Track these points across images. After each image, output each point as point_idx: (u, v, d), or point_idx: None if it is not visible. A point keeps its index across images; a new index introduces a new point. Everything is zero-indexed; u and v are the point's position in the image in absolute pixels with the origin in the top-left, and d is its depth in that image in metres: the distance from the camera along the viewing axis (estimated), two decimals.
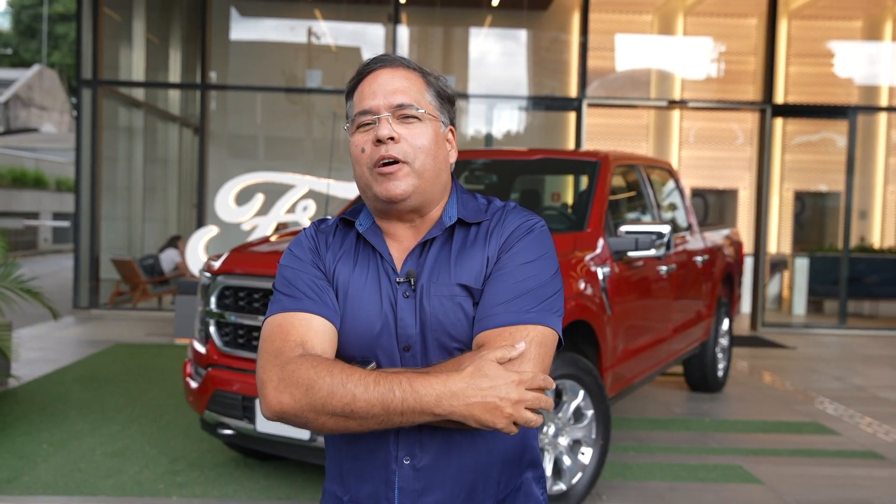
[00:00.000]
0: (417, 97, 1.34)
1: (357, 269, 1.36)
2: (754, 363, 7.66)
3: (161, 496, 3.83)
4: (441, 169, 1.36)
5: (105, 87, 10.35)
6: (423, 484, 1.29)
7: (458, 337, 1.30)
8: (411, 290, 1.31)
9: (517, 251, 1.34)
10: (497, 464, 1.34)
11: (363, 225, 1.38)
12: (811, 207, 13.73)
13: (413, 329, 1.31)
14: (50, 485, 3.93)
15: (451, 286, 1.31)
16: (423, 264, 1.33)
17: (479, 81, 11.06)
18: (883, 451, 4.86)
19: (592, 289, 3.93)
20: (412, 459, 1.29)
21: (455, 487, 1.30)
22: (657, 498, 3.95)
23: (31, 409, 5.27)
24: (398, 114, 1.32)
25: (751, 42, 11.05)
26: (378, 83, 1.33)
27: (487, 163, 5.36)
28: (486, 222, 1.38)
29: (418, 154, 1.31)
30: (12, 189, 23.09)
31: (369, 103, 1.32)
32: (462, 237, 1.36)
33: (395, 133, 1.30)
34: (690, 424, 5.35)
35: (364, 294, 1.33)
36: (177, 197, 12.65)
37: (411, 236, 1.37)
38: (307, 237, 1.41)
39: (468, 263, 1.33)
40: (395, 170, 1.30)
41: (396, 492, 1.29)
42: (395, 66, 1.36)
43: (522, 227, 1.36)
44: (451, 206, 1.39)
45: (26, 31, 46.39)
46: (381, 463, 1.30)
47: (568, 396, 3.73)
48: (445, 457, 1.29)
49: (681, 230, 5.63)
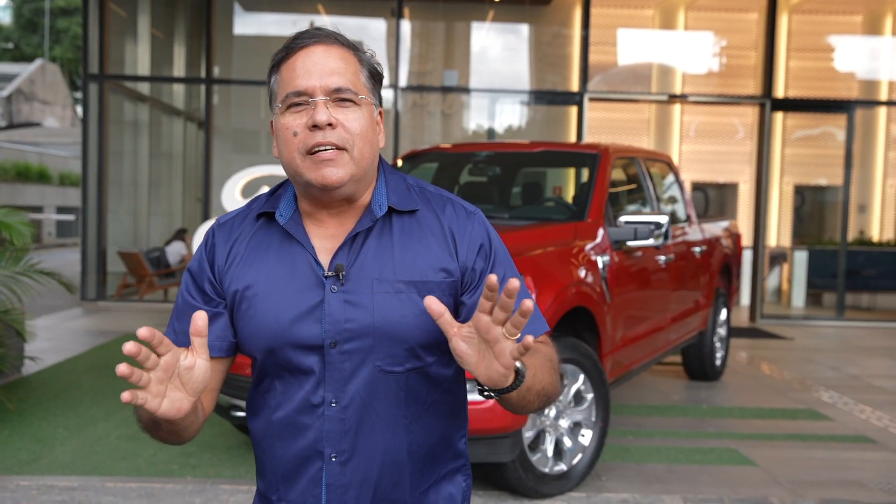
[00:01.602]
0: (354, 79, 1.25)
1: (273, 263, 1.28)
2: (752, 353, 7.79)
3: (175, 476, 3.96)
4: (374, 155, 1.29)
5: (111, 82, 10.47)
6: (349, 479, 1.26)
7: (405, 335, 1.24)
8: (339, 283, 1.24)
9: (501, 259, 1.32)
10: (420, 457, 1.31)
11: (284, 216, 1.29)
12: (811, 201, 13.84)
13: (341, 325, 1.23)
14: (68, 466, 4.07)
15: (397, 282, 1.24)
16: (357, 257, 1.26)
17: (482, 76, 11.16)
18: (874, 435, 5.00)
19: (593, 277, 4.05)
20: (338, 456, 1.26)
21: (378, 481, 1.27)
22: (655, 479, 4.08)
23: (45, 395, 5.40)
24: (335, 97, 1.23)
25: (751, 36, 11.13)
26: (312, 61, 1.23)
27: (490, 155, 5.49)
28: (435, 215, 1.31)
29: (356, 140, 1.23)
30: (16, 183, 23.23)
31: (304, 83, 1.22)
32: (402, 227, 1.29)
33: (333, 119, 1.21)
34: (688, 411, 5.48)
35: (282, 290, 1.26)
36: (181, 190, 12.77)
37: (337, 223, 1.29)
38: (202, 251, 1.34)
39: (417, 255, 1.27)
40: (334, 156, 1.21)
41: (324, 488, 1.27)
42: (331, 42, 1.27)
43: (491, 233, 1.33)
44: (380, 192, 1.31)
45: (28, 26, 46.46)
46: (309, 460, 1.27)
47: (569, 380, 3.86)
48: (365, 455, 1.26)
49: (679, 222, 5.75)
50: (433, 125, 11.64)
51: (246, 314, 1.27)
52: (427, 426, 1.30)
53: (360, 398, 1.24)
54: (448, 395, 1.33)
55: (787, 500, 3.84)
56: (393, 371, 1.25)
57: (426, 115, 11.62)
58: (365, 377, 1.24)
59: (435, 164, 5.60)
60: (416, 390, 1.28)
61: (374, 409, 1.25)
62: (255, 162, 9.79)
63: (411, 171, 5.44)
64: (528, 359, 1.21)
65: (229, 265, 1.30)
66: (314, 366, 1.24)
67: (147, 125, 12.12)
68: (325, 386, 1.24)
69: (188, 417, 1.19)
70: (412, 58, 11.03)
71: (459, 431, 1.37)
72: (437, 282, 1.26)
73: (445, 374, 1.31)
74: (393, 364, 1.24)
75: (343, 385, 1.23)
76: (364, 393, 1.24)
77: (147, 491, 3.76)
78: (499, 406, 3.45)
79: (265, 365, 1.29)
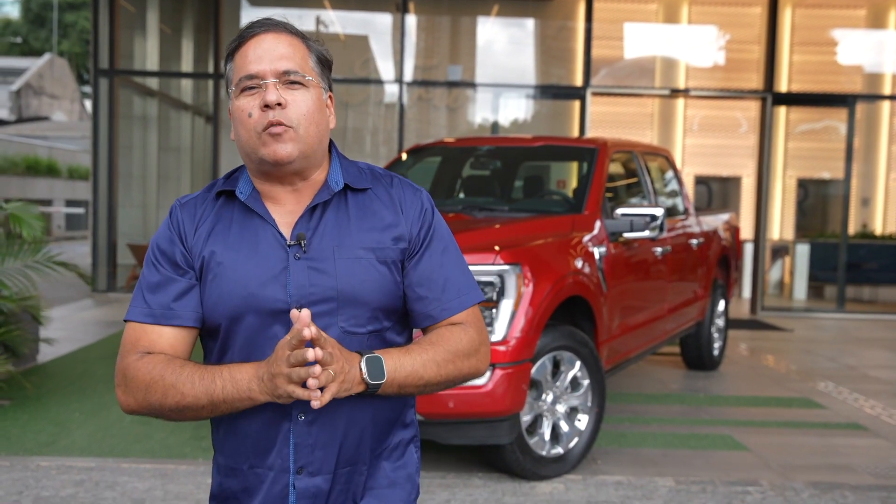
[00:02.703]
0: (302, 63, 1.36)
1: (236, 236, 1.37)
2: (751, 345, 7.92)
3: (188, 458, 4.13)
4: (323, 134, 1.39)
5: (121, 77, 10.63)
6: (314, 438, 1.35)
7: (366, 297, 1.35)
8: (302, 251, 1.34)
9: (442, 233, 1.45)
10: (376, 421, 1.41)
11: (244, 192, 1.39)
12: (814, 194, 13.93)
13: (306, 289, 1.33)
14: (85, 448, 4.23)
15: (356, 247, 1.36)
16: (317, 227, 1.36)
17: (486, 70, 11.27)
18: (867, 423, 5.13)
19: (589, 267, 4.19)
20: (305, 416, 1.34)
21: (343, 441, 1.37)
22: (649, 463, 4.23)
23: (61, 382, 5.58)
24: (284, 79, 1.33)
25: (755, 31, 11.21)
26: (263, 48, 1.34)
27: (492, 149, 5.62)
28: (385, 190, 1.44)
29: (302, 120, 1.33)
30: (26, 177, 23.45)
31: (255, 68, 1.33)
32: (357, 202, 1.40)
33: (282, 99, 1.32)
34: (685, 399, 5.62)
35: (246, 259, 1.35)
36: (190, 184, 12.95)
37: (294, 200, 1.39)
38: (168, 226, 1.41)
39: (372, 226, 1.39)
40: (282, 131, 1.31)
41: (291, 447, 1.35)
42: (279, 30, 1.37)
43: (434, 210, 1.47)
44: (335, 171, 1.42)
45: (36, 20, 46.68)
46: (278, 423, 1.35)
47: (565, 367, 4.01)
48: (332, 412, 1.34)
49: (677, 214, 5.88)
50: (438, 119, 11.77)
51: (213, 283, 1.36)
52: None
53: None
54: None
55: (777, 482, 3.99)
56: (356, 332, 1.36)
57: (431, 109, 11.75)
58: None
59: (438, 157, 5.74)
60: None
61: None
62: None
63: (415, 165, 5.58)
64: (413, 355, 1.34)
65: (196, 240, 1.39)
66: (280, 332, 1.33)
67: (156, 119, 12.29)
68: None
69: None
70: (417, 52, 11.16)
71: (410, 400, 1.49)
72: (392, 248, 1.39)
73: (398, 342, 1.44)
74: (356, 325, 1.36)
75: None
76: None
77: (160, 471, 3.92)
78: (498, 390, 3.62)
79: (229, 336, 1.37)
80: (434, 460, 4.14)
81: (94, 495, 3.63)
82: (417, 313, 1.42)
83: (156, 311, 1.36)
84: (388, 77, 10.98)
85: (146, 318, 1.36)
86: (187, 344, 1.39)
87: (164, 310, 1.35)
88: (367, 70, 11.25)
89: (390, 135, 10.87)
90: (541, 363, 3.87)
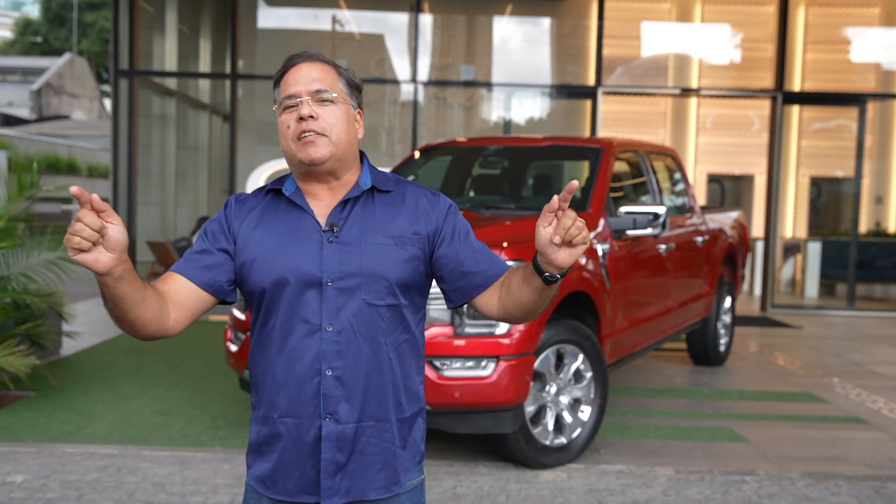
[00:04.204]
0: (331, 84, 1.66)
1: (282, 223, 1.66)
2: (759, 341, 8.02)
3: (205, 446, 4.31)
4: (351, 141, 1.68)
5: (140, 77, 10.84)
6: (341, 392, 1.61)
7: (386, 275, 1.63)
8: (334, 235, 1.63)
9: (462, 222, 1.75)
10: (398, 387, 1.67)
11: (289, 190, 1.69)
12: (827, 193, 13.96)
13: (336, 266, 1.61)
14: (107, 436, 4.42)
15: (379, 235, 1.65)
16: (348, 218, 1.65)
17: (500, 69, 11.39)
18: (867, 416, 5.23)
19: (593, 264, 4.33)
20: (333, 371, 1.60)
21: (364, 397, 1.62)
22: (650, 453, 4.36)
23: (83, 374, 5.78)
24: (316, 97, 1.63)
25: (768, 29, 11.25)
26: (300, 74, 1.66)
27: (500, 149, 5.77)
28: (408, 193, 1.72)
29: (332, 128, 1.63)
30: (47, 175, 23.80)
31: (293, 89, 1.64)
32: (382, 200, 1.70)
33: (314, 112, 1.62)
34: (688, 393, 5.74)
35: (290, 241, 1.64)
36: (207, 182, 13.17)
37: (329, 196, 1.68)
38: (221, 215, 1.72)
39: (394, 220, 1.68)
40: (315, 139, 1.61)
41: (321, 398, 1.61)
42: (314, 60, 1.69)
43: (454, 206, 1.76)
44: (365, 174, 1.71)
45: (55, 20, 47.24)
46: (309, 377, 1.61)
47: (568, 359, 4.15)
48: (353, 371, 1.61)
49: (682, 212, 6.00)
50: (452, 118, 11.92)
51: (260, 258, 1.64)
52: (401, 360, 1.68)
53: (349, 325, 1.61)
54: (414, 338, 1.72)
55: (773, 472, 4.11)
56: (375, 304, 1.63)
57: (446, 108, 11.90)
58: (353, 308, 1.61)
59: (449, 157, 5.88)
60: (393, 324, 1.66)
61: (361, 333, 1.62)
62: (278, 154, 10.11)
63: (426, 164, 5.73)
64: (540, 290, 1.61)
65: (242, 226, 1.69)
66: (314, 300, 1.62)
67: (174, 119, 12.51)
68: (322, 315, 1.61)
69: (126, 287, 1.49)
70: (432, 51, 11.30)
71: (420, 375, 1.75)
72: (410, 237, 1.67)
73: (412, 318, 1.71)
74: (375, 298, 1.63)
75: (336, 314, 1.61)
76: (353, 320, 1.61)
77: (180, 458, 4.10)
78: (502, 381, 3.78)
79: (272, 300, 1.64)
80: (441, 449, 4.30)
81: (118, 480, 3.81)
82: (465, 286, 1.70)
83: (188, 266, 1.67)
84: (404, 76, 11.13)
85: (173, 268, 1.69)
86: (194, 299, 1.66)
87: (194, 266, 1.67)
88: (383, 69, 11.41)
89: (405, 133, 11.02)
90: (544, 356, 4.01)
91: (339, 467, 1.62)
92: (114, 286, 1.48)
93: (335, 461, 1.62)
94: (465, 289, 1.70)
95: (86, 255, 1.41)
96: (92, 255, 1.42)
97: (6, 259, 5.28)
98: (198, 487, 3.75)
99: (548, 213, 1.48)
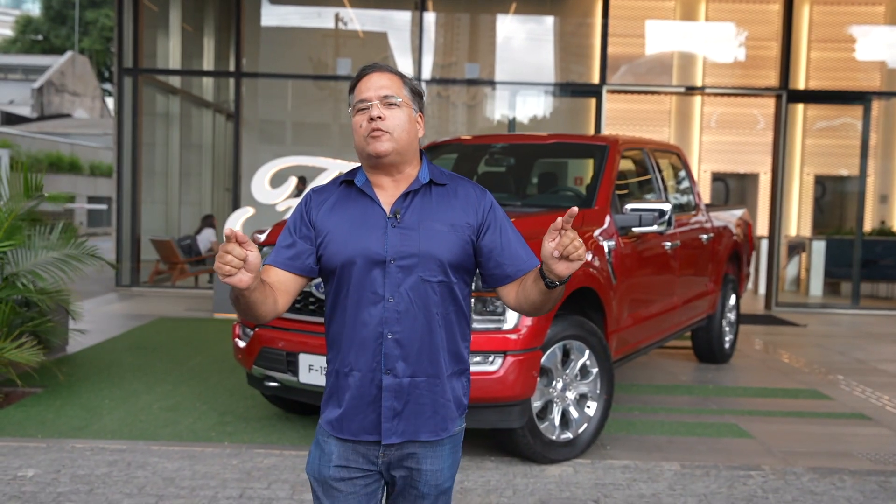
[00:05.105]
0: (397, 91, 1.95)
1: (353, 210, 1.96)
2: (764, 339, 8.03)
3: (214, 442, 4.33)
4: (412, 139, 1.97)
5: (144, 76, 10.86)
6: (399, 351, 1.90)
7: (440, 256, 1.91)
8: (397, 221, 1.91)
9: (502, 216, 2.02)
10: (447, 349, 1.95)
11: (360, 181, 1.98)
12: (831, 191, 13.95)
13: (398, 248, 1.89)
14: (115, 432, 4.45)
15: (435, 222, 1.93)
16: (409, 207, 1.93)
17: (504, 67, 11.40)
18: (871, 413, 5.25)
19: (599, 260, 4.35)
20: (393, 335, 1.89)
21: (418, 356, 1.91)
22: (655, 448, 4.38)
23: (90, 371, 5.81)
24: (384, 102, 1.92)
25: (773, 27, 11.25)
26: (371, 82, 1.95)
27: (506, 147, 5.78)
28: (460, 187, 2.01)
29: (396, 128, 1.92)
30: (49, 173, 23.85)
31: (365, 94, 1.93)
32: (438, 193, 1.98)
33: (382, 114, 1.91)
34: (693, 390, 5.76)
35: (359, 225, 1.92)
36: (211, 180, 13.19)
37: (393, 187, 1.96)
38: (301, 206, 2.02)
39: (448, 210, 1.96)
40: (380, 135, 1.90)
41: (383, 356, 1.90)
42: (383, 70, 1.98)
43: (495, 203, 2.02)
44: (424, 170, 1.99)
45: (57, 18, 47.27)
46: (373, 339, 1.90)
47: (575, 355, 4.17)
48: (410, 335, 1.90)
49: (687, 210, 6.01)
50: (456, 116, 11.93)
51: (335, 239, 1.94)
52: (449, 327, 1.97)
53: (407, 297, 1.89)
54: (461, 310, 2.00)
55: (778, 467, 4.13)
56: (429, 280, 1.91)
57: (449, 107, 11.92)
58: (411, 283, 1.89)
59: (454, 154, 5.90)
60: (443, 297, 1.93)
61: (417, 304, 1.90)
62: (282, 152, 10.15)
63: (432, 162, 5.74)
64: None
65: (321, 212, 1.98)
66: (378, 275, 1.90)
67: (178, 117, 12.53)
68: (385, 288, 1.89)
69: (256, 294, 1.79)
70: (435, 49, 11.32)
71: (466, 342, 2.03)
72: (462, 226, 1.95)
73: (461, 293, 1.99)
74: (430, 275, 1.91)
75: (397, 288, 1.89)
76: (411, 293, 1.89)
77: (188, 453, 4.13)
78: (509, 376, 3.80)
79: (342, 277, 1.93)
80: None
81: (127, 474, 3.84)
82: (498, 275, 1.97)
83: (277, 258, 1.98)
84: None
85: (267, 261, 1.99)
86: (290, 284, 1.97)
87: (279, 257, 1.98)
88: None
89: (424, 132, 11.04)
90: (551, 351, 4.03)
91: (396, 413, 1.91)
92: (249, 296, 1.79)
93: (393, 408, 1.91)
94: (497, 276, 1.99)
95: (231, 277, 1.71)
96: (237, 276, 1.72)
97: (14, 257, 5.32)
98: (207, 482, 3.77)
99: (552, 231, 1.73)
